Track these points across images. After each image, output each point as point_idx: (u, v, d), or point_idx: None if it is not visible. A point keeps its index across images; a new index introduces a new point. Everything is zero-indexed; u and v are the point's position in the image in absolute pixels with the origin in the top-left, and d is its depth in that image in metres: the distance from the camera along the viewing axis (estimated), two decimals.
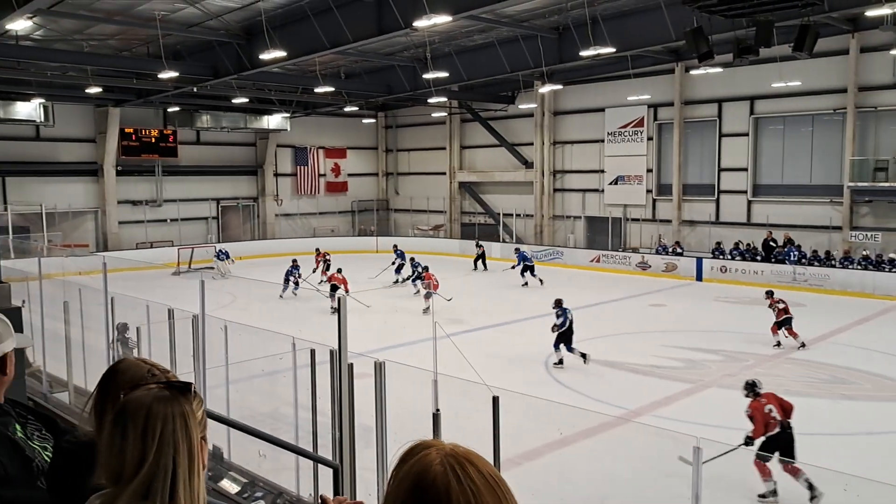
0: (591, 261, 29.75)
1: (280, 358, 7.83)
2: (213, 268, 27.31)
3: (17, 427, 2.11)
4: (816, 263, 24.58)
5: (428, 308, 20.02)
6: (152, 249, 31.38)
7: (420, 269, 22.91)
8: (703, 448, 5.05)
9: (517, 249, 27.58)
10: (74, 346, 10.45)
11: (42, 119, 28.74)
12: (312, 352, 7.01)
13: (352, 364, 6.30)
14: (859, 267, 23.61)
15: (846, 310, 21.08)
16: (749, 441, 8.66)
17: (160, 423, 1.57)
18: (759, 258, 25.99)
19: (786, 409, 8.85)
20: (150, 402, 1.61)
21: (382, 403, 6.35)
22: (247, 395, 9.40)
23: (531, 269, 25.33)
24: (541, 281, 24.75)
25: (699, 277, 26.71)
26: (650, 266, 28.20)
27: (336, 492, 5.26)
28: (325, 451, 6.74)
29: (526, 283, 25.10)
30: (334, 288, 20.37)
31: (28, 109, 28.04)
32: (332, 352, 6.45)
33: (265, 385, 9.50)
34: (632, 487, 9.14)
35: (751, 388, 9.13)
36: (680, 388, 13.58)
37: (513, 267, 25.95)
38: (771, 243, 25.91)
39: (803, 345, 16.20)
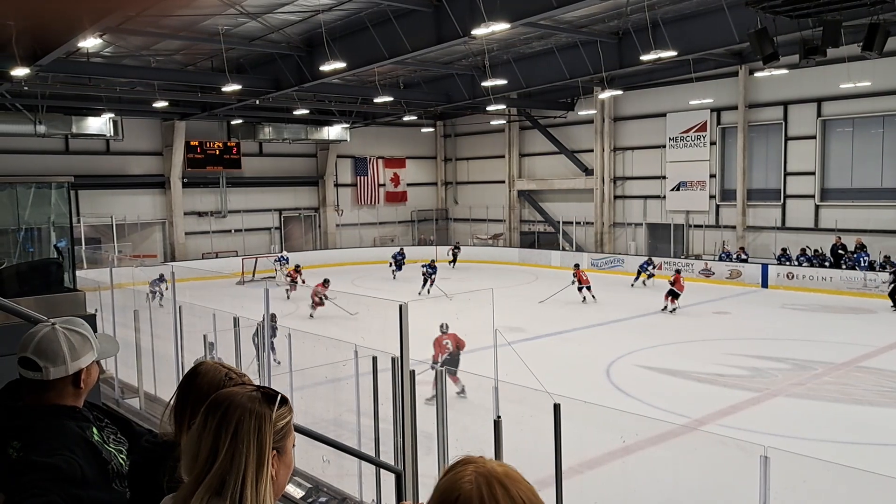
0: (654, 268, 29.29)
1: (343, 365, 7.94)
2: (274, 277, 27.76)
3: (95, 430, 2.18)
4: (889, 269, 23.74)
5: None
6: (217, 259, 32.09)
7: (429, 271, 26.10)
8: (771, 457, 4.93)
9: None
10: (144, 353, 10.76)
11: (112, 133, 29.67)
12: (374, 359, 7.09)
13: (413, 371, 6.35)
14: None
15: None
16: None
17: (235, 421, 1.60)
18: (827, 264, 25.25)
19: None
20: (233, 398, 1.64)
21: (444, 410, 6.39)
22: (311, 401, 9.53)
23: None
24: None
25: (765, 284, 26.08)
26: (714, 273, 27.66)
27: (399, 497, 5.30)
28: (387, 457, 6.80)
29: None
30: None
31: (98, 124, 28.99)
32: (393, 359, 6.51)
33: (329, 392, 9.61)
34: (697, 497, 8.96)
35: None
36: (746, 397, 13.25)
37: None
38: (840, 250, 25.14)
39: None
